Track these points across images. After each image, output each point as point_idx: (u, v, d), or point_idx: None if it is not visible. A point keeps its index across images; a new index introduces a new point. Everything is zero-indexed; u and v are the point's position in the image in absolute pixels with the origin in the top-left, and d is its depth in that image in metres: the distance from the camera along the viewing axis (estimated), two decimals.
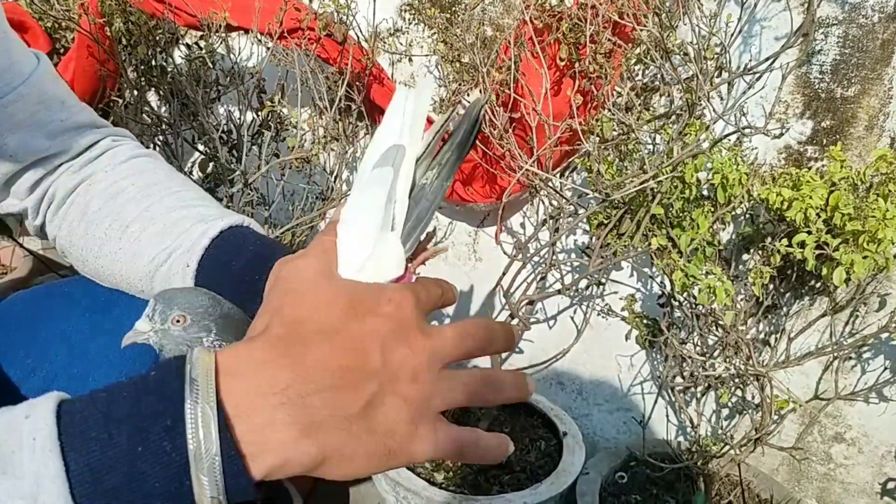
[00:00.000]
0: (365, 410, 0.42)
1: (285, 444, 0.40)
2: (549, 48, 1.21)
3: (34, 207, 0.71)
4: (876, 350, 1.32)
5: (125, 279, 0.66)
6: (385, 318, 0.45)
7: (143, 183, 0.68)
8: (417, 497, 1.31)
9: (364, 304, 0.45)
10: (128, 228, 0.65)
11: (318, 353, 0.42)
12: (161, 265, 0.63)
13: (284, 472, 0.41)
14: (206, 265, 0.61)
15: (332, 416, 0.41)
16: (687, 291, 1.22)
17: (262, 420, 0.39)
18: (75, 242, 0.69)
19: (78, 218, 0.68)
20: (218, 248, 0.62)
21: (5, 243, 1.75)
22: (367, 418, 0.42)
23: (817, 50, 1.22)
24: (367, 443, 0.42)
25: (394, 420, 0.43)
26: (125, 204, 0.67)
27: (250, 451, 0.39)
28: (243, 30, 1.31)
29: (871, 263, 1.04)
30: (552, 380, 1.66)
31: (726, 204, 1.18)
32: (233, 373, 0.40)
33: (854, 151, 1.25)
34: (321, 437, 0.40)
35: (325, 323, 0.44)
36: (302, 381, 0.41)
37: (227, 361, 0.41)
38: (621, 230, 1.27)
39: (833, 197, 1.08)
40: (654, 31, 1.07)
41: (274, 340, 0.43)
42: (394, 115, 0.51)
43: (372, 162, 0.50)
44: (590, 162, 1.22)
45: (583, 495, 1.35)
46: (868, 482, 1.41)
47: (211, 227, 0.62)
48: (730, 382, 1.35)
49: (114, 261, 0.66)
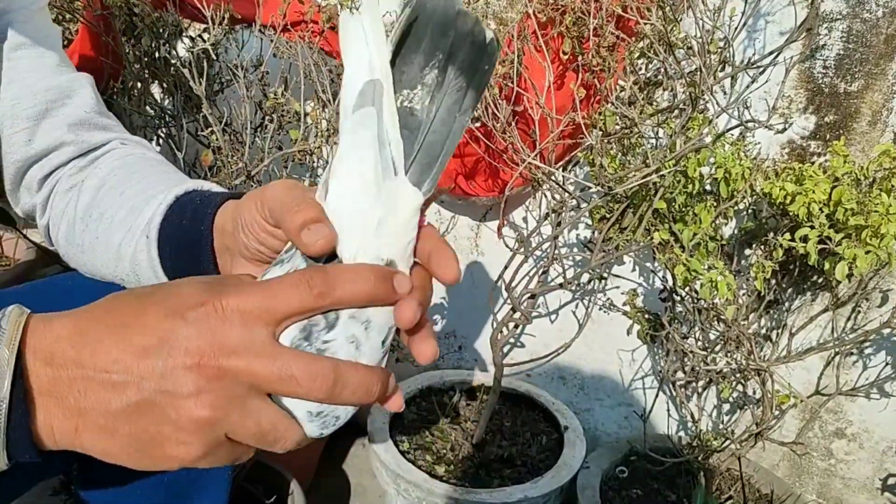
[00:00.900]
0: (127, 413, 0.41)
1: (54, 416, 0.41)
2: (553, 42, 1.21)
3: (42, 204, 0.74)
4: (877, 346, 1.32)
5: (103, 266, 0.67)
6: (194, 322, 0.41)
7: (126, 172, 0.70)
8: (418, 489, 1.31)
9: (187, 304, 0.41)
10: (103, 216, 0.66)
11: (107, 344, 0.41)
12: (128, 245, 0.63)
13: (56, 443, 0.42)
14: (165, 233, 0.61)
15: (94, 409, 0.41)
16: (689, 286, 1.22)
17: (46, 385, 0.41)
18: (70, 241, 0.70)
19: (71, 215, 0.70)
20: (173, 214, 0.61)
21: (9, 235, 1.75)
22: (130, 422, 0.41)
23: (821, 45, 1.22)
24: (125, 444, 0.42)
25: (158, 433, 0.41)
26: (106, 194, 0.68)
27: (33, 408, 0.41)
28: (247, 22, 1.31)
29: (873, 258, 1.04)
30: (553, 374, 1.66)
31: (729, 198, 1.17)
32: (36, 333, 0.42)
33: (857, 146, 1.25)
34: (81, 424, 0.41)
35: (136, 317, 0.42)
36: (79, 365, 0.41)
37: (37, 322, 0.42)
38: (623, 224, 1.27)
39: (836, 192, 1.08)
40: (657, 24, 1.07)
41: (84, 321, 0.43)
42: (353, 45, 0.44)
43: (349, 106, 0.44)
44: (592, 156, 1.22)
45: (583, 489, 1.36)
46: (869, 478, 1.42)
47: (167, 196, 0.62)
48: (731, 377, 1.35)
49: (92, 249, 0.67)
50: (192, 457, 0.42)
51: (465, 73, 0.45)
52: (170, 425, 0.41)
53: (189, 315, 0.41)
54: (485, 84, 0.46)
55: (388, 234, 0.44)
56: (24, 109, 0.70)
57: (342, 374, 0.42)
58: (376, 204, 0.44)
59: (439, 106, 0.45)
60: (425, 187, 0.45)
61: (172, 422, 0.41)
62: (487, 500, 1.29)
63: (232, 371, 0.40)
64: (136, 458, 0.42)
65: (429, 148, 0.45)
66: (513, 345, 1.68)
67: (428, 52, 0.45)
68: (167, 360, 0.40)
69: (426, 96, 0.45)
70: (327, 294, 0.42)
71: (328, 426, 0.45)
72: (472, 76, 0.45)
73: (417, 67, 0.45)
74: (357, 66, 0.43)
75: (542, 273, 1.35)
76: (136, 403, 0.40)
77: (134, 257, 0.62)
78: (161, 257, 0.61)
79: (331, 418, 0.45)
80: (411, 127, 0.45)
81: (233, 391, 0.41)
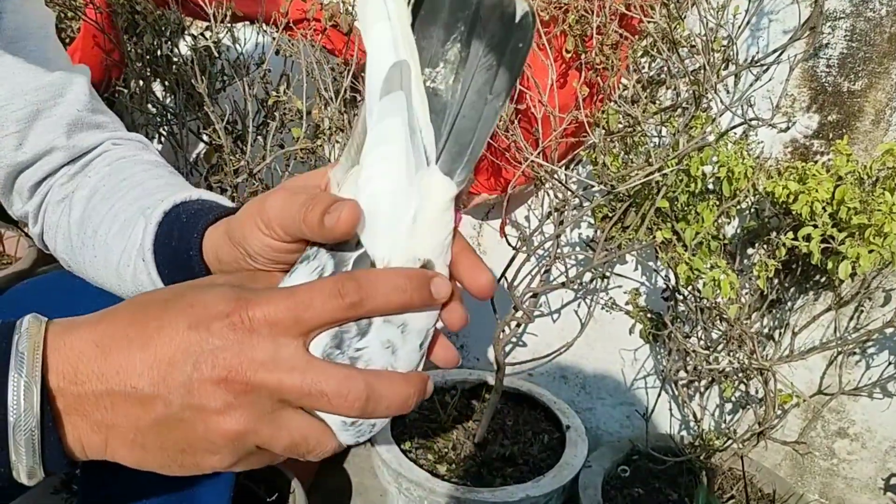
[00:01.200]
0: (156, 428, 0.40)
1: (82, 431, 0.41)
2: (556, 40, 1.21)
3: (34, 213, 0.72)
4: (880, 345, 1.31)
5: (109, 284, 0.66)
6: (220, 334, 0.39)
7: (116, 179, 0.68)
8: (420, 488, 1.31)
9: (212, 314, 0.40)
10: (97, 232, 0.64)
11: (132, 358, 0.40)
12: (127, 265, 0.62)
13: (86, 455, 0.42)
14: (158, 256, 0.59)
15: (122, 425, 0.41)
16: (691, 285, 1.22)
17: (73, 404, 0.40)
18: (67, 250, 0.69)
19: (66, 226, 0.68)
20: (162, 234, 0.60)
21: (10, 233, 1.75)
22: (160, 436, 0.41)
23: (824, 43, 1.22)
24: (156, 455, 0.41)
25: (189, 446, 0.41)
26: (97, 205, 0.66)
27: (62, 426, 0.40)
28: (249, 20, 1.31)
29: (876, 257, 1.04)
30: (555, 373, 1.66)
31: (732, 197, 1.17)
32: (58, 352, 0.41)
33: (860, 146, 1.24)
34: (110, 437, 0.41)
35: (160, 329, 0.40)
36: (104, 381, 0.40)
37: (56, 340, 0.41)
38: (626, 223, 1.26)
39: (839, 191, 1.08)
40: (661, 22, 1.07)
41: (107, 335, 0.41)
42: (375, 23, 0.39)
43: (375, 92, 0.39)
44: (595, 154, 1.21)
45: (585, 488, 1.35)
46: (871, 477, 1.41)
47: (154, 214, 0.60)
48: (733, 377, 1.35)
49: (94, 266, 0.65)
50: (224, 465, 0.41)
51: (494, 50, 0.40)
52: (200, 438, 0.40)
53: (215, 326, 0.39)
54: (520, 64, 0.41)
55: (422, 231, 0.41)
56: (13, 112, 0.66)
57: (375, 390, 0.40)
58: (409, 198, 0.40)
59: (467, 87, 0.41)
60: (458, 177, 0.41)
61: (202, 436, 0.40)
62: (489, 499, 1.28)
63: (260, 385, 0.39)
64: (168, 466, 0.42)
65: (458, 135, 0.41)
66: (515, 344, 1.68)
67: (448, 25, 0.40)
68: (193, 374, 0.39)
69: (450, 74, 0.41)
70: (360, 305, 0.40)
71: (363, 434, 0.44)
72: (502, 54, 0.40)
73: (437, 42, 0.41)
74: (380, 47, 0.39)
75: (544, 272, 1.35)
76: (165, 418, 0.40)
77: (135, 278, 0.61)
78: (161, 276, 0.60)
79: (366, 427, 0.43)
80: (437, 110, 0.41)
81: (262, 406, 0.40)
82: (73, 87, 0.70)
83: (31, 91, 0.67)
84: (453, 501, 1.30)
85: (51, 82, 0.68)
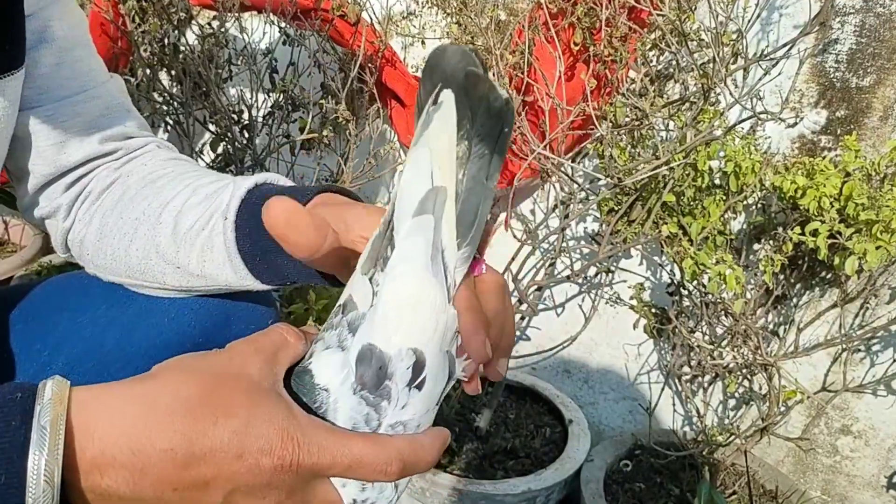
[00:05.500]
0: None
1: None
2: (564, 32, 1.21)
3: (68, 205, 0.70)
4: (885, 342, 1.31)
5: (162, 256, 0.64)
6: (270, 476, 0.41)
7: (182, 169, 0.68)
8: (422, 480, 1.31)
9: (262, 449, 0.41)
10: (169, 204, 0.64)
11: (166, 478, 0.40)
12: (202, 229, 0.61)
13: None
14: (243, 216, 0.60)
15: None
16: (696, 280, 1.22)
17: (94, 483, 0.40)
18: (106, 234, 0.67)
19: (111, 206, 0.67)
20: (251, 198, 0.60)
21: (16, 221, 1.76)
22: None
23: (834, 39, 1.21)
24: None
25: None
26: (164, 186, 0.66)
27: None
28: (256, 10, 1.31)
29: (883, 253, 1.04)
30: (559, 367, 1.66)
31: (738, 192, 1.17)
32: (87, 426, 0.39)
33: (868, 142, 1.24)
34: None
35: (202, 459, 0.40)
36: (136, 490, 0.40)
37: (83, 413, 0.40)
38: (632, 217, 1.26)
39: (847, 186, 1.07)
40: (670, 15, 1.06)
41: (150, 402, 0.41)
42: (418, 149, 0.44)
43: (408, 213, 0.44)
44: (602, 147, 1.21)
45: (587, 482, 1.36)
46: (874, 475, 1.41)
47: (244, 183, 0.61)
48: (737, 372, 1.35)
49: (151, 238, 0.64)
50: None
51: (485, 140, 0.44)
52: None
53: (264, 464, 0.41)
54: (506, 147, 0.46)
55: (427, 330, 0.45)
56: (61, 122, 0.66)
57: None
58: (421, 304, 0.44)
59: (466, 175, 0.44)
60: (464, 252, 0.45)
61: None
62: (491, 491, 1.29)
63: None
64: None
65: (463, 215, 0.45)
66: (518, 337, 1.68)
67: (458, 127, 0.44)
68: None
69: (459, 169, 0.44)
70: (399, 475, 0.44)
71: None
72: (494, 142, 0.44)
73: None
74: (418, 170, 0.44)
75: (548, 265, 1.35)
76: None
77: (210, 241, 0.61)
78: (238, 235, 0.59)
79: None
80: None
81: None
82: (119, 92, 0.72)
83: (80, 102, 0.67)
84: (455, 493, 1.30)
85: (96, 93, 0.69)
